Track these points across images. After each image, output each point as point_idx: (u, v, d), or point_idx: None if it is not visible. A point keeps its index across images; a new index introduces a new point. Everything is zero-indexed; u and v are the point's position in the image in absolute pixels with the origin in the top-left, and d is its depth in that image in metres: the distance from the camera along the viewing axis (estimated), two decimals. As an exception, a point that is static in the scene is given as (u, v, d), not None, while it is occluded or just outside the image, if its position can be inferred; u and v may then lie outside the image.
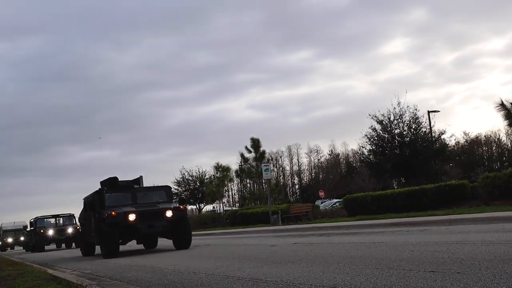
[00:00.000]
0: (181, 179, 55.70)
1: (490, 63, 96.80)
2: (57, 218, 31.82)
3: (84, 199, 16.89)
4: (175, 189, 53.97)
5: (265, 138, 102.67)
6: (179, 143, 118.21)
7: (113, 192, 14.46)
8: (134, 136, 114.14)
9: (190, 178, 55.35)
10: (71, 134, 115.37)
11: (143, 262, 10.31)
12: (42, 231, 29.73)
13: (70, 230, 29.73)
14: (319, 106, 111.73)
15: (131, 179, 16.21)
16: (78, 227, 28.61)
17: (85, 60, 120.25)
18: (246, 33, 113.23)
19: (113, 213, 13.02)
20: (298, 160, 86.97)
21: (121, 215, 13.12)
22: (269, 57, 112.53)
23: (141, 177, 15.87)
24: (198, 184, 54.86)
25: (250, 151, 45.80)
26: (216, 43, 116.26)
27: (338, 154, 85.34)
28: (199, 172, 55.36)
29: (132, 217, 13.13)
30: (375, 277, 4.87)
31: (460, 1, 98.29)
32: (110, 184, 14.92)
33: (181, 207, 14.11)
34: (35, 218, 31.78)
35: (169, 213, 13.57)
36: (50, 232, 29.86)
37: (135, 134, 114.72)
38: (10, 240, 48.06)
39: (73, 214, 31.28)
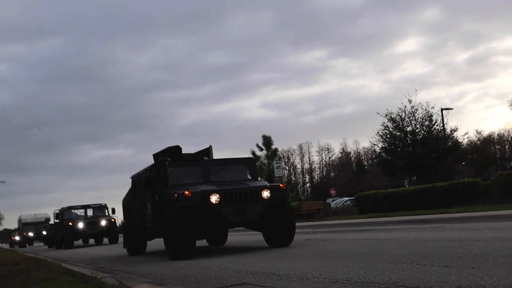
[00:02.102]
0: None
1: (503, 61, 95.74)
2: (87, 209, 26.84)
3: (134, 177, 12.44)
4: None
5: (277, 137, 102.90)
6: (192, 142, 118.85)
7: (178, 166, 10.32)
8: (147, 135, 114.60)
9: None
10: (85, 134, 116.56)
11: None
12: (70, 224, 24.76)
13: (103, 222, 25.25)
14: (332, 105, 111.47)
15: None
16: (112, 219, 25.59)
17: (100, 61, 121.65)
18: (260, 33, 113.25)
19: (186, 192, 8.92)
20: (309, 158, 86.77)
21: (199, 196, 8.99)
22: (283, 57, 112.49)
23: (210, 147, 11.60)
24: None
25: (261, 149, 45.76)
26: (230, 43, 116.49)
27: (350, 153, 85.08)
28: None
29: (214, 198, 8.99)
30: (389, 271, 4.87)
31: (474, 0, 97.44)
32: (172, 155, 10.72)
33: (281, 185, 10.05)
34: (61, 209, 26.85)
35: (266, 194, 9.40)
36: (80, 225, 24.86)
37: (148, 133, 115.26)
38: (31, 234, 42.87)
39: (106, 205, 27.03)
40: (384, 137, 33.19)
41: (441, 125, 32.80)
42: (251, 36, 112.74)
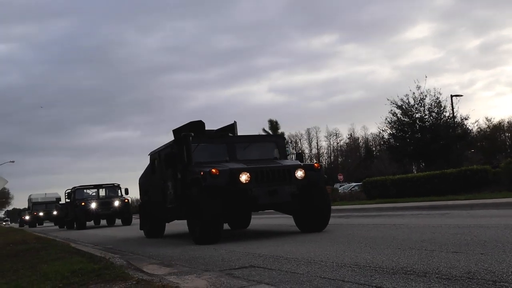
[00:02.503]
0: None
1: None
2: (100, 189, 26.03)
3: (153, 154, 11.63)
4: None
5: (285, 121, 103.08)
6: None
7: (201, 142, 9.56)
8: (155, 118, 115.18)
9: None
10: (94, 115, 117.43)
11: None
12: (83, 204, 24.11)
13: (116, 203, 24.61)
14: (340, 90, 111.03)
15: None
16: (126, 200, 24.98)
17: (109, 43, 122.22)
18: (269, 17, 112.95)
19: (213, 170, 8.16)
20: (317, 143, 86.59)
21: (227, 174, 8.26)
22: (292, 42, 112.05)
23: (235, 122, 10.66)
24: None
25: (268, 133, 45.70)
26: (239, 27, 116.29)
27: (358, 138, 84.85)
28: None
29: (244, 177, 8.21)
30: (397, 256, 4.86)
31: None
32: (194, 131, 9.79)
33: (316, 164, 9.18)
34: (72, 188, 25.93)
35: (300, 174, 8.62)
36: (93, 205, 24.25)
37: (156, 115, 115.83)
38: (41, 214, 42.21)
39: (119, 185, 26.20)
40: (392, 124, 33.03)
41: (451, 112, 32.58)
42: (261, 20, 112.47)
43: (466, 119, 32.66)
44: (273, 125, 45.21)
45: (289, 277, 4.23)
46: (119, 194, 25.56)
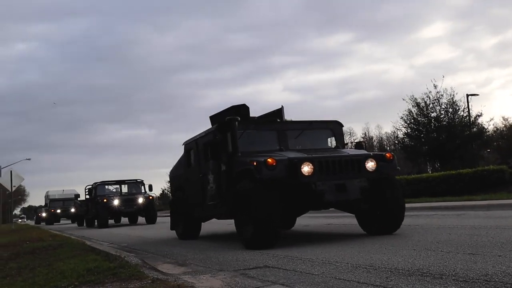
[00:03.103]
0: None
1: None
2: (122, 185, 24.24)
3: (188, 144, 10.15)
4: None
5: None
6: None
7: (247, 129, 8.22)
8: (170, 116, 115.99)
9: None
10: (109, 113, 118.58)
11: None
12: (105, 200, 22.46)
13: (140, 200, 22.87)
14: (355, 89, 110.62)
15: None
16: (150, 197, 23.32)
17: (126, 42, 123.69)
18: (284, 16, 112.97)
19: (269, 160, 6.81)
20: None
21: (285, 165, 6.88)
22: (307, 40, 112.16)
23: (282, 107, 9.22)
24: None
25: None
26: (254, 26, 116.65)
27: (372, 137, 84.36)
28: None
29: (307, 169, 6.81)
30: (413, 258, 4.83)
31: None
32: (237, 116, 8.24)
33: (388, 154, 7.70)
34: (93, 183, 24.36)
35: (371, 165, 7.27)
36: (116, 202, 22.54)
37: (171, 114, 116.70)
38: (58, 211, 41.02)
39: (142, 181, 24.51)
40: (408, 122, 32.83)
41: (466, 111, 32.26)
42: (275, 19, 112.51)
43: (479, 115, 32.34)
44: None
45: (304, 277, 4.22)
46: (142, 191, 23.98)
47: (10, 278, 5.53)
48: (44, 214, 44.43)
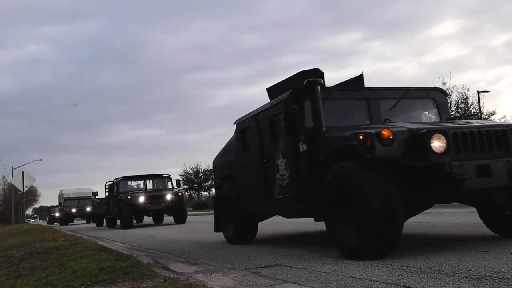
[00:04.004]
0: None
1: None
2: (147, 180, 21.80)
3: (244, 121, 8.05)
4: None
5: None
6: (223, 124, 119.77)
7: (329, 97, 6.27)
8: (180, 116, 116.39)
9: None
10: (120, 114, 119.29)
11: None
12: (129, 198, 19.71)
13: (168, 196, 20.14)
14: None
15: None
16: (179, 193, 20.85)
17: (137, 43, 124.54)
18: (294, 16, 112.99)
19: (385, 132, 4.91)
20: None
21: (405, 139, 5.01)
22: (317, 39, 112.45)
23: (362, 73, 7.28)
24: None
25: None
26: (264, 26, 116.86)
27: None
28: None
29: (438, 144, 4.89)
30: (424, 255, 4.80)
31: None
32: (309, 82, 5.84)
33: None
34: (115, 179, 21.58)
35: None
36: (141, 199, 19.84)
37: (181, 114, 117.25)
38: (73, 210, 39.11)
39: (169, 175, 22.13)
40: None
41: (477, 108, 32.07)
42: (286, 18, 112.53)
43: (492, 114, 32.13)
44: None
45: (315, 276, 4.22)
46: (169, 187, 21.63)
47: (23, 278, 5.58)
48: (57, 214, 43.55)
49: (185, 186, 61.22)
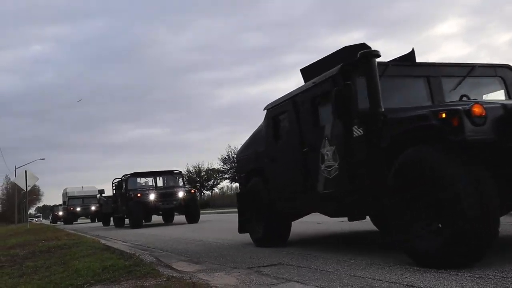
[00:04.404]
0: (227, 157, 56.73)
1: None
2: (157, 177, 20.54)
3: (278, 106, 6.97)
4: (221, 166, 54.94)
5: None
6: (226, 123, 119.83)
7: (384, 73, 5.28)
8: (184, 115, 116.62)
9: (235, 156, 55.79)
10: (124, 113, 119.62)
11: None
12: (139, 195, 18.71)
13: (181, 194, 19.05)
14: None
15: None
16: (192, 191, 19.93)
17: (140, 42, 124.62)
18: (297, 15, 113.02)
19: (476, 109, 3.90)
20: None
21: (498, 117, 3.97)
22: (320, 38, 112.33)
23: (413, 50, 6.18)
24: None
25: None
26: (267, 25, 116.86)
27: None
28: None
29: None
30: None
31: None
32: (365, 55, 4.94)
33: None
34: (123, 176, 20.58)
35: None
36: (152, 197, 18.77)
37: (185, 113, 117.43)
38: (78, 209, 37.99)
39: (181, 172, 21.22)
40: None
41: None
42: (289, 18, 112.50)
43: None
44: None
45: (318, 274, 4.22)
46: (181, 184, 20.45)
47: (26, 277, 5.59)
48: (60, 213, 43.17)
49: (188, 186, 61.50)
